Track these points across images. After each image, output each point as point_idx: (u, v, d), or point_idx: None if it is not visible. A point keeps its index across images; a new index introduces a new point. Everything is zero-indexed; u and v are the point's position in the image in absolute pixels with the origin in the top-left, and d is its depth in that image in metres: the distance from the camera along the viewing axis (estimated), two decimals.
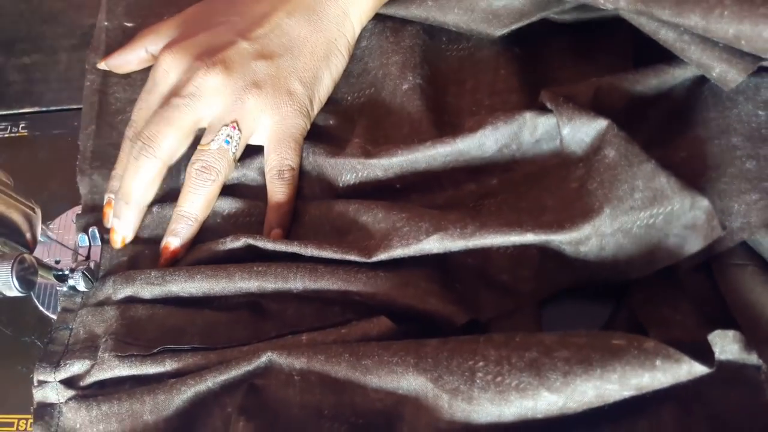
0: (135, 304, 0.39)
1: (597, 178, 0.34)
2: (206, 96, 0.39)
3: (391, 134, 0.42)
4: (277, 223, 0.40)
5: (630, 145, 0.34)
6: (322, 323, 0.36)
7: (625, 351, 0.28)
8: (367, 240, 0.37)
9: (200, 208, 0.40)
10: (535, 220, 0.34)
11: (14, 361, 0.43)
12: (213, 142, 0.39)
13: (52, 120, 0.51)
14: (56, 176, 0.48)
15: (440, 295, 0.36)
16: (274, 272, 0.37)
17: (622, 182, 0.33)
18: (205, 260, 0.40)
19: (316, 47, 0.42)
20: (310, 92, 0.41)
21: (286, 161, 0.40)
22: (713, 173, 0.35)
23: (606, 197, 0.33)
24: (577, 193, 0.35)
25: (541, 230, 0.33)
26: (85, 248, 0.43)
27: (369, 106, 0.45)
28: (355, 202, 0.39)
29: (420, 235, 0.34)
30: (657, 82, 0.38)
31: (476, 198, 0.39)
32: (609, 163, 0.34)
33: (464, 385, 0.30)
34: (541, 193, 0.37)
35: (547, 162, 0.38)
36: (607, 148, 0.34)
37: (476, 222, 0.34)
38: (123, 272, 0.40)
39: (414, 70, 0.44)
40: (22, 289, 0.31)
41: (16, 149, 0.50)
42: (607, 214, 0.33)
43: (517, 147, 0.38)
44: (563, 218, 0.34)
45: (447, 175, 0.40)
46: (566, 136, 0.36)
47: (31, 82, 0.52)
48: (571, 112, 0.36)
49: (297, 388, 0.33)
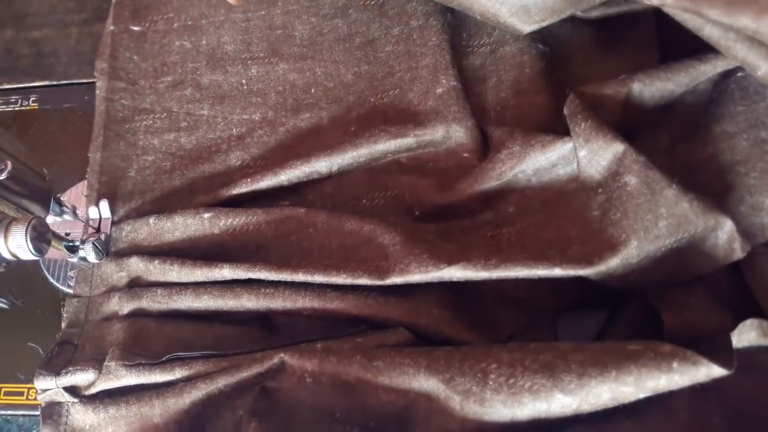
0: (143, 318, 0.39)
1: (620, 207, 0.33)
2: None
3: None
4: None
5: (650, 171, 0.33)
6: (335, 334, 0.36)
7: (640, 354, 0.28)
8: (381, 260, 0.36)
9: None
10: (562, 253, 0.34)
11: (24, 333, 0.43)
12: None
13: (62, 94, 0.50)
14: (66, 149, 0.48)
15: (453, 322, 0.35)
16: (282, 295, 0.36)
17: (646, 212, 0.32)
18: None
19: None
20: None
21: None
22: (742, 168, 0.34)
23: (631, 228, 0.32)
24: (601, 222, 0.34)
25: (570, 266, 0.32)
26: (96, 221, 0.43)
27: (393, 109, 0.44)
28: (371, 221, 0.38)
29: (441, 264, 0.34)
30: (687, 79, 0.37)
31: (493, 227, 0.38)
32: (631, 192, 0.33)
33: (476, 387, 0.29)
34: (562, 222, 0.36)
35: (565, 187, 0.37)
36: (627, 175, 0.33)
37: (501, 254, 0.33)
38: (128, 289, 0.39)
39: (446, 71, 0.43)
40: (36, 252, 0.31)
41: (26, 123, 0.50)
42: (635, 246, 0.32)
43: (533, 172, 0.37)
44: (590, 252, 0.33)
45: (462, 204, 0.39)
46: (582, 158, 0.36)
47: (42, 56, 0.52)
48: (588, 134, 0.35)
49: (309, 390, 0.33)
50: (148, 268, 0.39)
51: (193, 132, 0.45)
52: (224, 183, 0.42)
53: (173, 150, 0.45)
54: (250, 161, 0.44)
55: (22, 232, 0.30)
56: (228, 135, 0.45)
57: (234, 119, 0.45)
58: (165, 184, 0.44)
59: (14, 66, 0.52)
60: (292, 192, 0.43)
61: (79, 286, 0.41)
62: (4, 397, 0.42)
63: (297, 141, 0.44)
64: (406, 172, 0.42)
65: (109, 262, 0.41)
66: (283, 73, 0.46)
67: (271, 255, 0.39)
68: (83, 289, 0.41)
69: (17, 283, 0.45)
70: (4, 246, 0.30)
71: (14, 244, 0.30)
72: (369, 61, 0.46)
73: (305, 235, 0.39)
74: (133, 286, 0.40)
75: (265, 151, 0.44)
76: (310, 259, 0.38)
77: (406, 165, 0.42)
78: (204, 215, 0.40)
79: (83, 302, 0.41)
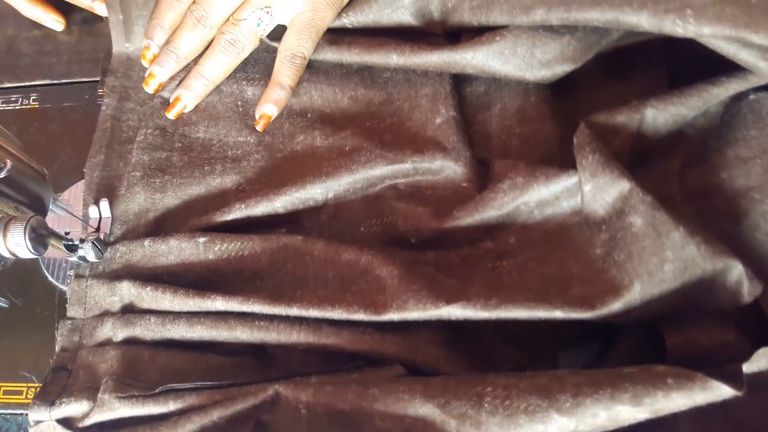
0: (137, 346, 0.38)
1: (624, 249, 0.32)
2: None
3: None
4: (274, 100, 0.41)
5: (657, 212, 0.32)
6: (330, 368, 0.35)
7: (635, 374, 0.27)
8: (377, 294, 0.35)
9: (219, 73, 0.42)
10: (564, 293, 0.33)
11: (23, 332, 0.43)
12: (246, 21, 0.40)
13: (62, 92, 0.50)
14: (66, 148, 0.48)
15: (451, 359, 0.35)
16: (277, 329, 0.35)
17: (651, 255, 0.31)
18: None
19: None
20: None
21: (302, 48, 0.41)
22: (757, 194, 0.34)
23: (635, 272, 0.31)
24: (604, 261, 0.33)
25: (571, 308, 0.32)
26: (95, 220, 0.43)
27: (390, 134, 0.43)
28: (368, 252, 0.37)
29: (439, 302, 0.33)
30: (700, 103, 0.36)
31: (494, 258, 0.37)
32: (636, 233, 0.32)
33: (472, 410, 0.29)
34: (564, 256, 0.35)
35: (568, 220, 0.36)
36: (632, 215, 0.32)
37: (501, 294, 0.33)
38: (121, 315, 0.39)
39: (446, 101, 0.42)
40: (35, 250, 0.31)
41: (27, 121, 0.50)
42: (638, 290, 0.31)
43: (535, 204, 0.37)
44: (592, 294, 0.32)
45: (462, 232, 0.38)
46: (587, 193, 0.35)
47: (43, 54, 0.52)
48: (594, 168, 0.34)
49: (304, 421, 0.33)
50: (140, 295, 0.38)
51: (186, 152, 0.44)
52: (219, 207, 0.41)
53: (164, 167, 0.44)
54: (246, 185, 0.43)
55: (21, 231, 0.30)
56: (223, 156, 0.44)
57: (229, 141, 0.44)
58: (158, 204, 0.43)
59: (15, 64, 0.52)
60: (289, 220, 0.42)
61: (72, 307, 0.40)
62: (4, 396, 0.42)
63: (293, 164, 0.43)
64: (403, 200, 0.41)
65: (102, 285, 0.40)
66: None
67: (265, 282, 0.39)
68: (77, 311, 0.40)
69: (17, 281, 0.45)
70: (2, 245, 0.30)
71: (13, 243, 0.30)
72: (366, 86, 0.45)
73: (301, 263, 0.38)
74: (127, 311, 0.39)
75: (261, 175, 0.43)
76: (306, 289, 0.37)
77: (403, 192, 0.41)
78: (199, 239, 0.39)
79: (77, 325, 0.40)
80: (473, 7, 0.39)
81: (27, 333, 0.43)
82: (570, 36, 0.38)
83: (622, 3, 0.33)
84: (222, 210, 0.41)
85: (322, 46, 0.43)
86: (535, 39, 0.38)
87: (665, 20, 0.32)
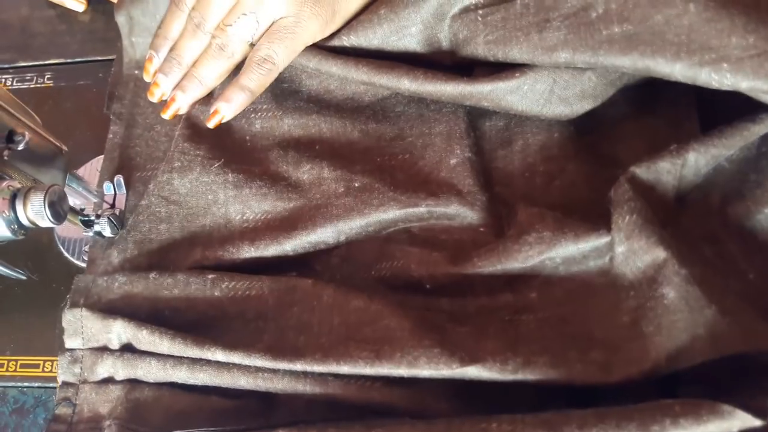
0: (140, 385, 0.37)
1: (654, 320, 0.31)
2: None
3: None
4: (228, 98, 0.40)
5: (690, 287, 0.30)
6: (336, 415, 0.34)
7: (643, 406, 0.27)
8: (384, 344, 0.33)
9: (211, 77, 0.41)
10: (583, 357, 0.31)
11: (40, 306, 0.44)
12: (231, 27, 0.39)
13: (77, 71, 0.51)
14: (81, 126, 0.48)
15: (463, 412, 0.33)
16: (282, 381, 0.34)
17: (682, 331, 0.30)
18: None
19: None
20: (336, 3, 0.40)
21: (272, 53, 0.39)
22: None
23: (664, 347, 0.30)
24: (630, 330, 0.32)
25: (590, 374, 0.31)
26: (110, 196, 0.43)
27: (402, 173, 0.41)
28: (379, 301, 0.35)
29: (453, 363, 0.31)
30: (741, 142, 0.34)
31: (513, 311, 0.36)
32: (668, 306, 0.31)
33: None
34: (587, 319, 0.34)
35: (594, 280, 0.34)
36: (665, 287, 0.31)
37: (518, 358, 0.31)
38: (121, 354, 0.37)
39: (461, 140, 0.40)
40: (54, 219, 0.31)
41: (41, 100, 0.50)
42: (664, 365, 0.30)
43: (561, 260, 0.35)
44: (614, 361, 0.31)
45: (482, 280, 0.36)
46: (619, 255, 0.33)
47: (57, 33, 0.52)
48: (630, 230, 0.32)
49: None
50: (137, 337, 0.37)
51: (186, 174, 0.42)
52: (224, 238, 0.40)
53: (166, 194, 0.42)
54: (250, 215, 0.41)
55: (41, 199, 0.30)
56: (223, 180, 0.42)
57: (232, 165, 0.42)
58: (164, 236, 0.41)
59: (29, 43, 0.52)
60: (300, 263, 0.40)
61: (70, 338, 0.38)
62: (20, 370, 0.42)
63: (298, 193, 0.41)
64: (417, 244, 0.39)
65: (96, 319, 0.38)
66: (288, 128, 0.44)
67: (269, 324, 0.37)
68: (75, 342, 0.38)
69: (33, 257, 0.45)
70: (22, 213, 0.30)
71: (32, 211, 0.30)
72: (378, 120, 0.43)
73: (308, 307, 0.37)
74: (126, 350, 0.38)
75: (265, 203, 0.41)
76: (309, 335, 0.36)
77: (418, 235, 0.40)
78: (208, 276, 0.38)
79: (77, 356, 0.38)
80: (489, 42, 0.37)
81: (43, 308, 0.43)
82: (592, 72, 0.37)
83: (654, 52, 0.32)
84: (230, 249, 0.39)
85: (326, 58, 0.40)
86: (556, 76, 0.37)
87: (700, 73, 0.31)
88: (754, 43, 0.30)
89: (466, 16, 0.37)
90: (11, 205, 0.31)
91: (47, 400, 0.42)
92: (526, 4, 0.35)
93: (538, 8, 0.35)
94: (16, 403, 0.42)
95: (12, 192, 0.31)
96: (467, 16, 0.37)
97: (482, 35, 0.37)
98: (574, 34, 0.34)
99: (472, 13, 0.37)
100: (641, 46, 0.32)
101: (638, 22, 0.32)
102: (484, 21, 0.37)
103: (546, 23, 0.35)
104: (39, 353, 0.42)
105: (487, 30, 0.37)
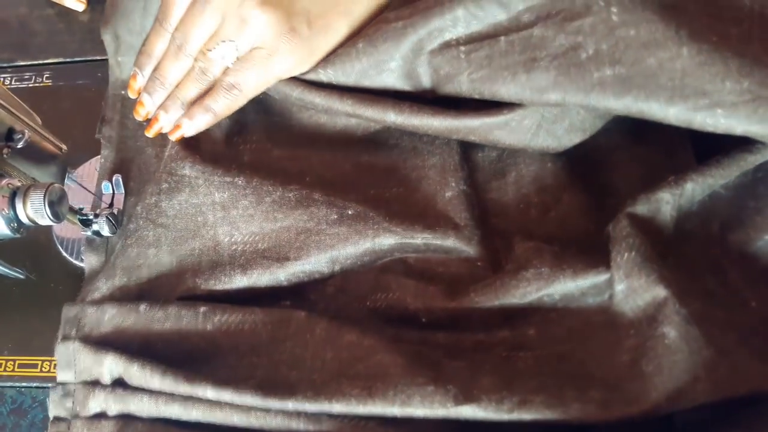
0: (134, 421, 0.36)
1: (654, 360, 0.31)
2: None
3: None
4: (191, 116, 0.40)
5: (690, 327, 0.30)
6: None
7: None
8: (376, 380, 0.33)
9: (194, 99, 0.41)
10: (581, 396, 0.31)
11: (38, 306, 0.43)
12: (211, 52, 0.39)
13: (75, 70, 0.51)
14: (79, 126, 0.48)
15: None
16: (275, 419, 0.34)
17: (683, 371, 0.29)
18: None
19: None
20: (316, 39, 0.40)
21: (240, 80, 0.39)
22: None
23: (664, 387, 0.30)
24: (630, 369, 0.31)
25: (587, 413, 0.30)
26: (109, 195, 0.43)
27: (398, 204, 0.41)
28: (372, 336, 0.35)
29: (447, 402, 0.31)
30: (738, 171, 0.34)
31: (509, 347, 0.35)
32: (669, 346, 0.30)
33: None
34: (586, 357, 0.33)
35: (593, 318, 0.34)
36: (666, 326, 0.31)
37: (514, 397, 0.31)
38: (113, 390, 0.37)
39: (455, 173, 0.40)
40: (54, 216, 0.31)
41: (40, 99, 0.50)
42: (664, 406, 0.30)
43: (560, 297, 0.35)
44: (612, 400, 0.30)
45: (479, 315, 0.36)
46: (619, 293, 0.33)
47: (55, 32, 0.52)
48: (630, 268, 0.32)
49: None
50: (128, 372, 0.36)
51: (174, 195, 0.41)
52: (214, 263, 0.40)
53: (153, 216, 0.41)
54: (238, 236, 0.40)
55: (41, 197, 0.30)
56: (211, 201, 0.41)
57: (215, 180, 0.41)
58: (152, 260, 0.41)
59: (28, 42, 0.52)
60: (294, 292, 0.40)
61: (62, 371, 0.38)
62: (18, 370, 0.42)
63: (283, 213, 0.40)
64: (413, 276, 0.39)
65: (88, 353, 0.37)
66: (277, 159, 0.43)
67: (262, 359, 0.36)
68: (67, 375, 0.38)
69: (31, 257, 0.45)
70: (22, 210, 0.30)
71: (32, 209, 0.30)
72: (370, 153, 0.43)
73: (301, 341, 0.36)
74: (118, 385, 0.37)
75: (252, 225, 0.40)
76: (302, 370, 0.35)
77: (414, 266, 0.39)
78: (200, 309, 0.38)
79: (69, 390, 0.38)
80: (474, 81, 0.36)
81: (42, 307, 0.43)
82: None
83: (648, 97, 0.31)
84: (222, 278, 0.39)
85: (309, 89, 0.39)
86: (545, 111, 0.36)
87: (695, 117, 0.31)
88: (748, 87, 0.29)
89: (448, 52, 0.36)
90: (11, 203, 0.31)
91: (45, 399, 0.41)
92: (510, 41, 0.34)
93: (524, 47, 0.34)
94: (14, 403, 0.42)
95: (12, 190, 0.31)
96: (449, 52, 0.36)
97: (466, 73, 0.36)
98: (564, 76, 0.33)
99: (453, 50, 0.36)
100: (634, 90, 0.31)
101: (630, 64, 0.31)
102: (468, 58, 0.36)
103: (533, 62, 0.34)
104: (37, 353, 0.42)
105: (471, 68, 0.36)
